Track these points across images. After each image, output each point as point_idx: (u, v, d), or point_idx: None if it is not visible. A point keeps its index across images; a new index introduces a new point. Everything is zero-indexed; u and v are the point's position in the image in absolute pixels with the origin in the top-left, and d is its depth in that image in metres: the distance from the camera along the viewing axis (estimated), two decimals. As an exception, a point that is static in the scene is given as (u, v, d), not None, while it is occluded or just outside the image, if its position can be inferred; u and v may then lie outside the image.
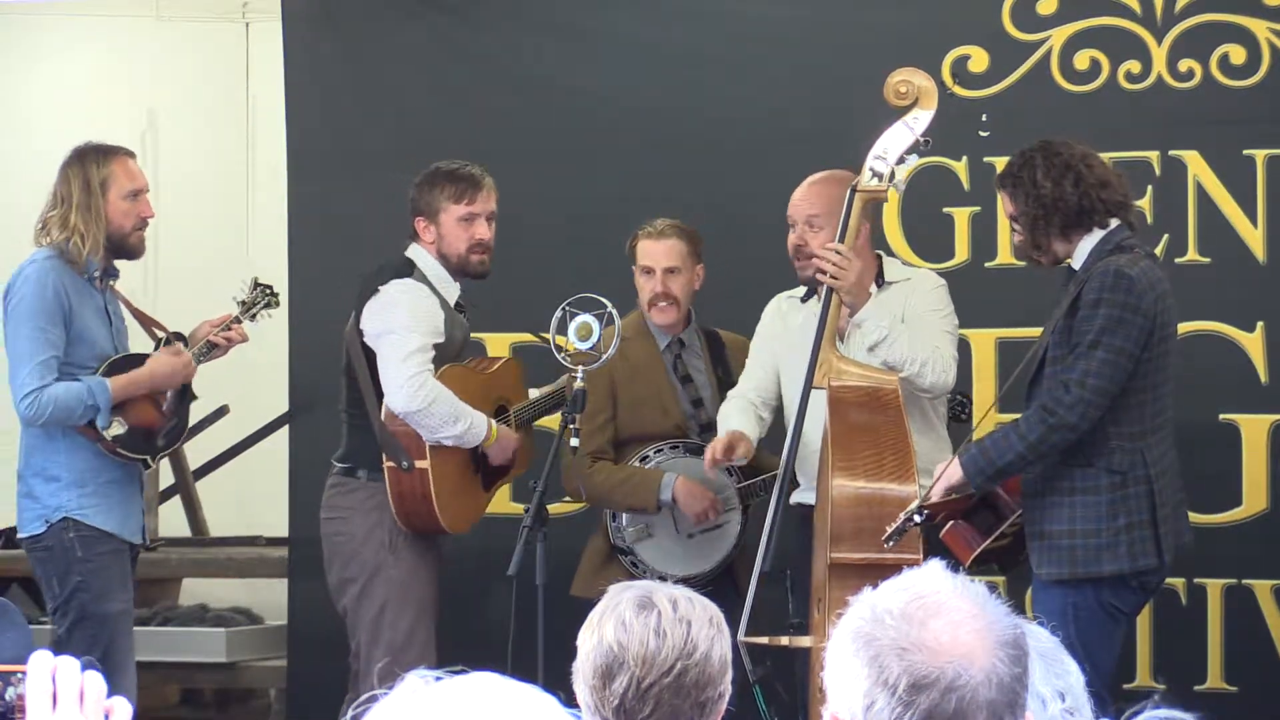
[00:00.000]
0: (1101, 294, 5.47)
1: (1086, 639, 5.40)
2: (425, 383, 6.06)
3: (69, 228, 6.18)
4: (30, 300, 6.14)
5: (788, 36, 7.14)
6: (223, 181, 9.62)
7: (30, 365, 6.09)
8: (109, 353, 6.25)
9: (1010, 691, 2.13)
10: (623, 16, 7.35)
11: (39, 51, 9.65)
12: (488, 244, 6.27)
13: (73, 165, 6.29)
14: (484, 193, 6.26)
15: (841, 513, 5.60)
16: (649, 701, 2.97)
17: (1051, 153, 5.66)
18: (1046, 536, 5.55)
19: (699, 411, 6.50)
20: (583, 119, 7.26)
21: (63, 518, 6.17)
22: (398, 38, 7.47)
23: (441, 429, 6.09)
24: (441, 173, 6.28)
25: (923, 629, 2.12)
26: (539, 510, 5.75)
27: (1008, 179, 5.73)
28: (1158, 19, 6.84)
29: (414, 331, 6.12)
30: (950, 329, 6.11)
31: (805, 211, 6.14)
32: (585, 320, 5.89)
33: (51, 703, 1.99)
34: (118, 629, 6.24)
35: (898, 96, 5.86)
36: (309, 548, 7.36)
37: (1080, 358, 5.46)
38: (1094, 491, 5.52)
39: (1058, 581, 5.53)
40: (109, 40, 9.68)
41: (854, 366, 5.80)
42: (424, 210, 6.26)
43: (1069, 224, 5.61)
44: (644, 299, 6.45)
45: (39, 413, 6.10)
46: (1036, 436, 5.47)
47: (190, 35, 9.64)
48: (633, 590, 3.06)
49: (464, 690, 1.86)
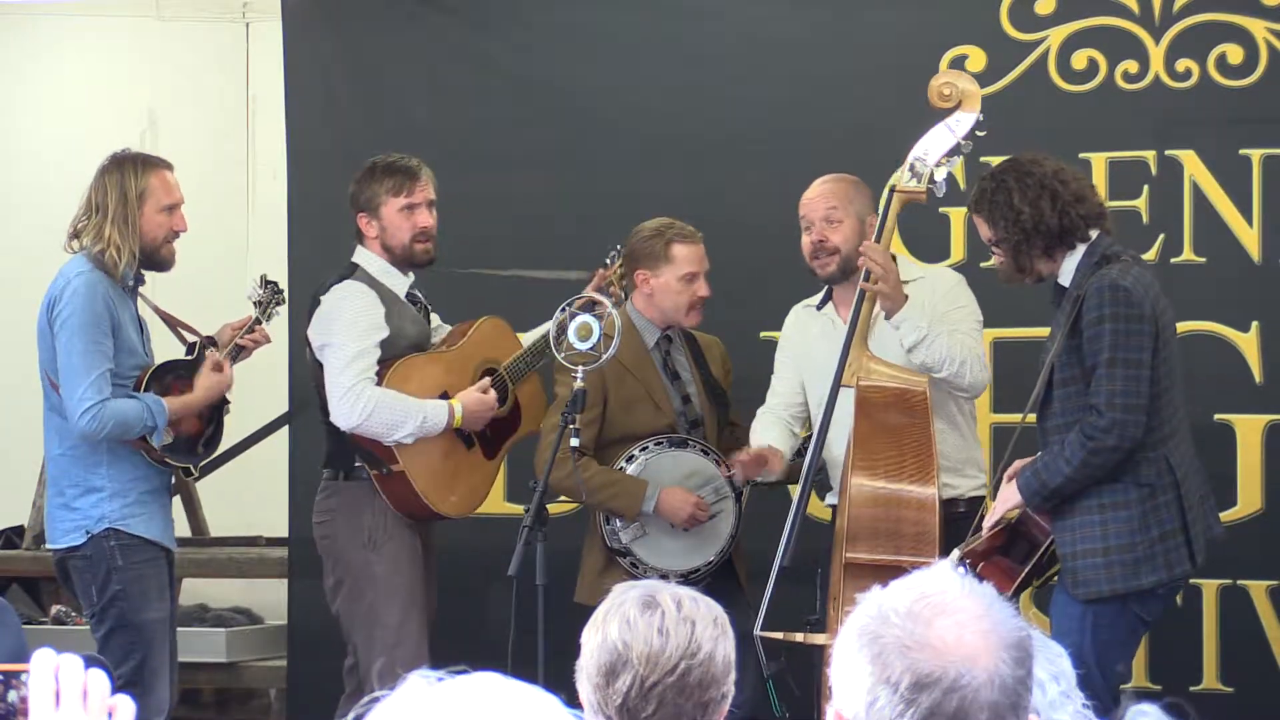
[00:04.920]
0: (1102, 310, 5.48)
1: (1102, 650, 5.47)
2: (361, 394, 6.11)
3: (104, 239, 6.15)
4: (81, 313, 6.12)
5: (787, 36, 7.15)
6: (223, 181, 9.61)
7: (89, 379, 6.08)
8: (146, 361, 6.26)
9: (1013, 693, 2.13)
10: (623, 17, 7.35)
11: (39, 51, 9.64)
12: (430, 231, 6.31)
13: (111, 174, 6.25)
14: (421, 182, 6.32)
15: (858, 512, 5.63)
16: (652, 701, 2.98)
17: (1023, 173, 5.62)
18: (1080, 556, 5.54)
19: (687, 408, 6.51)
20: (583, 119, 7.27)
21: (106, 528, 6.16)
22: (398, 38, 7.48)
23: (391, 434, 6.13)
24: (378, 167, 6.33)
25: (928, 628, 2.13)
26: (539, 510, 5.76)
27: (983, 204, 5.69)
28: (1156, 19, 6.85)
29: (349, 339, 6.17)
30: (976, 324, 6.10)
31: (823, 207, 6.13)
32: (585, 320, 5.90)
33: (55, 701, 1.99)
34: (155, 636, 6.23)
35: (941, 98, 5.88)
36: (309, 548, 7.36)
37: (1103, 379, 5.48)
38: (1124, 506, 5.53)
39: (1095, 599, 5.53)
40: (109, 40, 9.68)
41: (884, 367, 5.81)
42: (364, 206, 6.33)
43: (1051, 245, 5.61)
44: (681, 302, 6.41)
45: (100, 426, 6.09)
46: (1079, 461, 5.49)
47: (190, 35, 9.63)
48: (637, 590, 3.07)
49: (466, 690, 1.86)
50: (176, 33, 9.62)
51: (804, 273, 6.29)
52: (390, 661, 6.03)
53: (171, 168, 6.39)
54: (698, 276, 6.41)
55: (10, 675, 2.02)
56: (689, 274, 6.40)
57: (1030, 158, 5.68)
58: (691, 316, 6.45)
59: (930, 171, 5.83)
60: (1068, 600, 5.57)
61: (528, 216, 7.21)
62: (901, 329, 5.89)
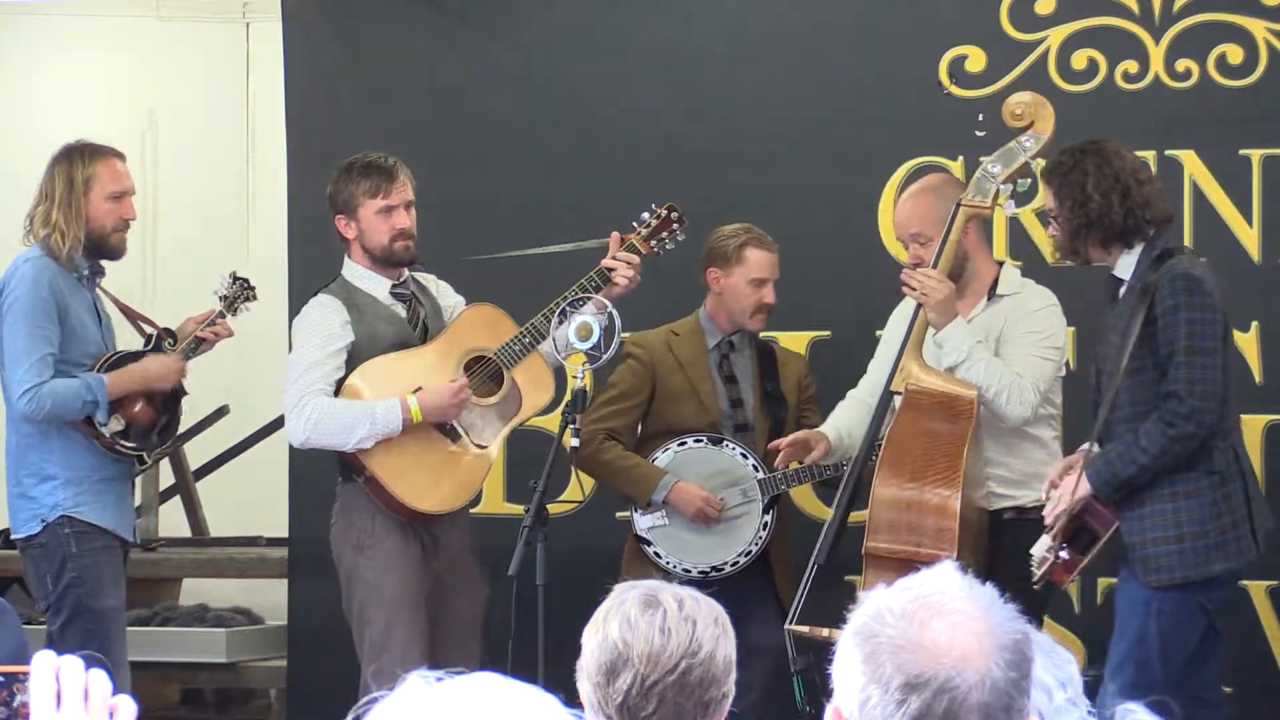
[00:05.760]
0: (1177, 299, 5.51)
1: (1165, 638, 5.52)
2: (304, 407, 6.10)
3: (50, 224, 6.24)
4: (25, 298, 6.18)
5: (787, 36, 7.15)
6: (223, 181, 9.62)
7: (28, 362, 6.13)
8: (101, 350, 6.30)
9: (1005, 696, 2.13)
10: (623, 17, 7.35)
11: (39, 51, 9.65)
12: (409, 231, 6.25)
13: (60, 163, 6.34)
14: (399, 183, 6.25)
15: (880, 506, 5.69)
16: (653, 700, 2.98)
17: (1103, 160, 5.66)
18: (1151, 544, 5.57)
19: (736, 411, 6.55)
20: (583, 119, 7.26)
21: (60, 515, 6.19)
22: (398, 38, 7.48)
23: (345, 441, 6.10)
24: (355, 169, 6.27)
25: (922, 629, 2.13)
26: (539, 510, 5.76)
27: (1055, 176, 5.73)
28: (1156, 19, 6.85)
29: (301, 354, 6.18)
30: (1045, 354, 6.06)
31: (910, 230, 6.13)
32: (585, 320, 5.90)
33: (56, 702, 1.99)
34: (113, 625, 6.26)
35: (1014, 118, 5.92)
36: (309, 548, 7.37)
37: (1181, 366, 5.51)
38: (1196, 494, 5.57)
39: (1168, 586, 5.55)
40: (109, 40, 9.68)
41: (934, 376, 5.85)
42: (342, 208, 6.28)
43: (1110, 239, 5.65)
44: (748, 305, 6.48)
45: (38, 407, 6.14)
46: (1159, 449, 5.51)
47: (190, 35, 9.64)
48: (638, 589, 3.07)
49: (465, 690, 1.86)
50: (176, 33, 9.63)
51: (803, 272, 6.30)
52: (379, 667, 6.02)
53: (122, 157, 6.43)
54: (766, 283, 6.49)
55: (11, 677, 2.02)
56: (758, 279, 6.48)
57: (1115, 148, 5.71)
58: (755, 320, 6.53)
59: (997, 189, 5.85)
60: (1135, 588, 5.60)
61: (528, 216, 7.20)
62: (945, 348, 5.92)
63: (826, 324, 7.02)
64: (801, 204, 6.80)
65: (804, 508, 6.98)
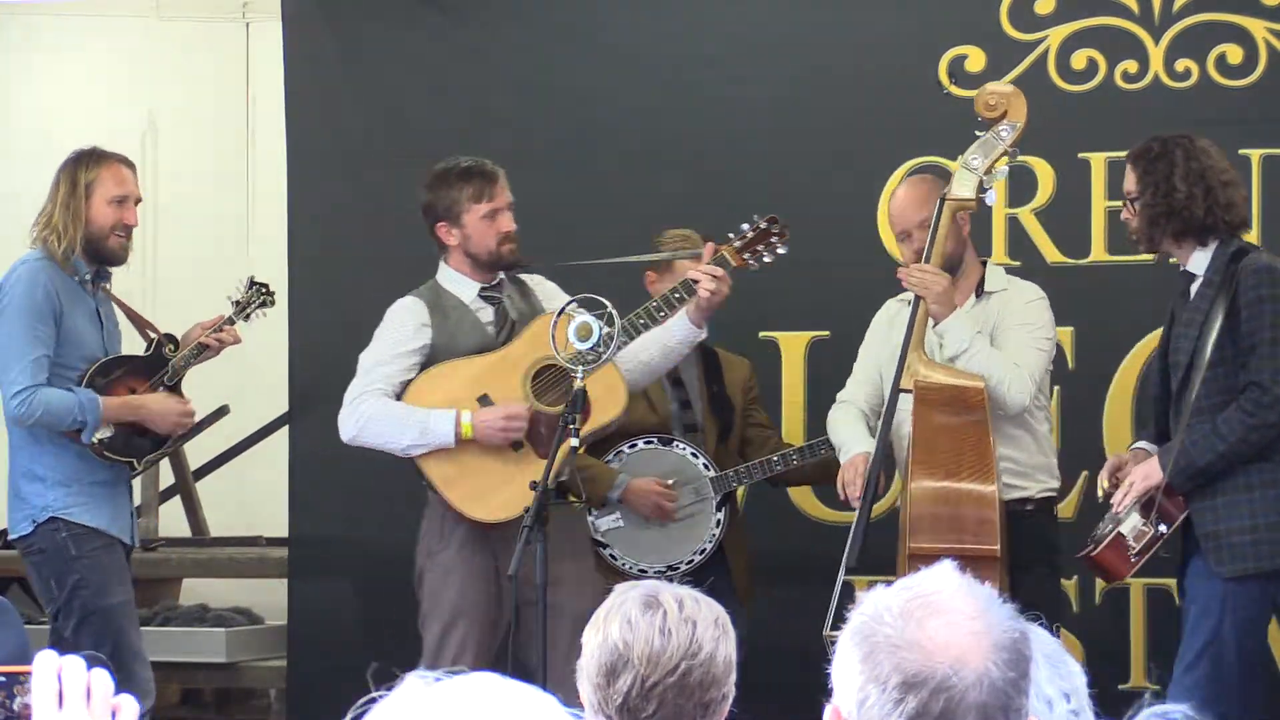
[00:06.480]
0: (1260, 290, 5.55)
1: (1241, 629, 5.53)
2: (359, 405, 6.06)
3: (50, 225, 6.26)
4: (21, 299, 6.18)
5: (787, 36, 7.15)
6: (223, 181, 9.62)
7: (22, 364, 6.13)
8: (98, 355, 6.29)
9: (1003, 695, 2.13)
10: (623, 17, 7.35)
11: (39, 51, 9.65)
12: (514, 234, 6.20)
13: (66, 167, 6.36)
14: (500, 185, 6.21)
15: (919, 508, 5.69)
16: (653, 700, 2.98)
17: (1193, 154, 5.67)
18: (1224, 535, 5.58)
19: (685, 413, 6.64)
20: (583, 119, 7.27)
21: (50, 517, 6.20)
22: (398, 38, 7.48)
23: (393, 446, 6.06)
24: (454, 174, 6.20)
25: (919, 628, 2.13)
26: (539, 510, 5.75)
27: (1142, 161, 5.74)
28: (1155, 19, 6.85)
29: (370, 353, 6.14)
30: (1040, 345, 6.07)
31: (915, 218, 6.11)
32: (585, 320, 5.89)
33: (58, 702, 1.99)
34: (124, 621, 6.27)
35: (988, 109, 5.92)
36: (309, 548, 7.38)
37: (1265, 357, 5.53)
38: (1272, 485, 5.59)
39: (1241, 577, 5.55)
40: (109, 40, 9.68)
41: (939, 370, 5.86)
42: (444, 215, 6.19)
43: (1185, 233, 5.67)
44: None
45: (29, 413, 6.13)
46: (1238, 437, 5.53)
47: (190, 35, 9.64)
48: (639, 589, 3.07)
49: (463, 690, 1.86)
50: (176, 33, 9.63)
51: (802, 272, 6.30)
52: None
53: (130, 164, 6.44)
54: None
55: (13, 678, 2.02)
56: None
57: (1205, 145, 5.72)
58: None
59: (980, 180, 5.86)
60: (1209, 579, 5.59)
61: (528, 216, 7.19)
62: (945, 339, 5.93)
63: (826, 324, 7.02)
64: (801, 204, 6.79)
65: (803, 507, 6.99)
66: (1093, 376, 6.80)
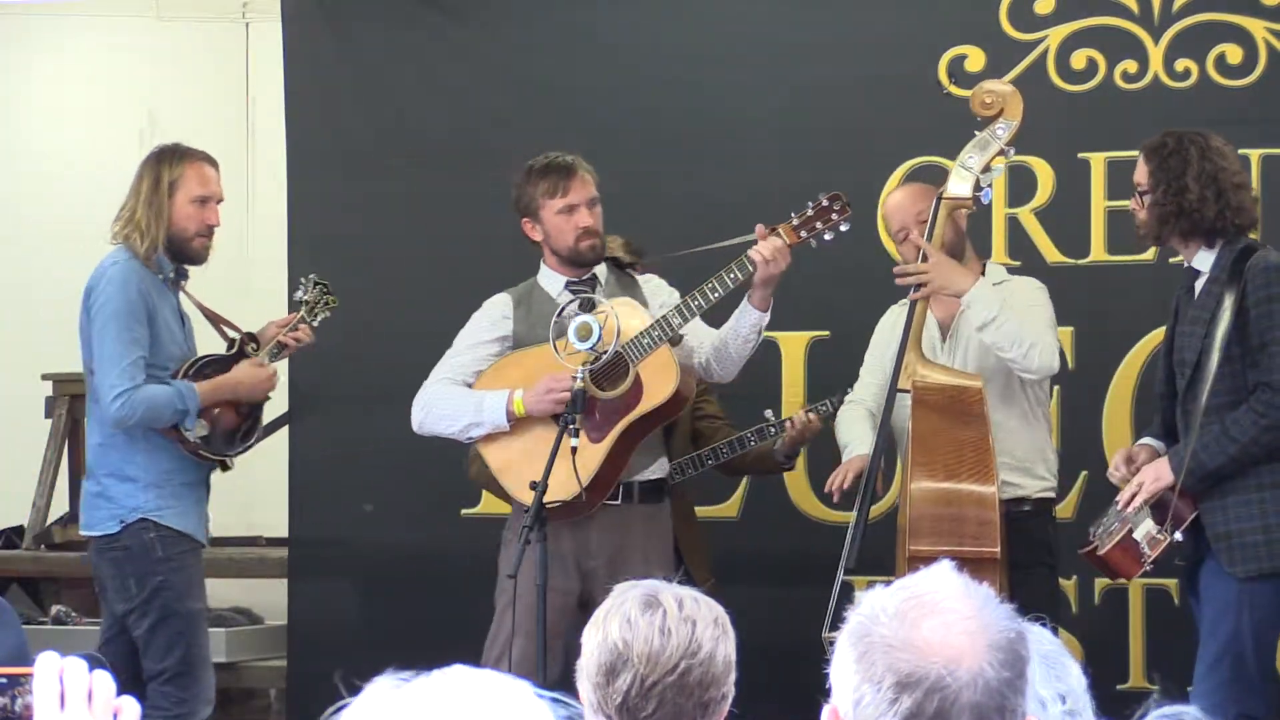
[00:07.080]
0: (1270, 288, 5.53)
1: (1259, 630, 5.52)
2: (425, 393, 6.11)
3: (132, 223, 6.21)
4: (115, 301, 6.14)
5: (787, 36, 7.15)
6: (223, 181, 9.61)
7: (120, 366, 6.09)
8: (186, 354, 6.27)
9: (998, 695, 2.13)
10: (623, 17, 7.35)
11: (39, 51, 9.65)
12: (594, 229, 6.14)
13: (149, 163, 6.33)
14: (578, 179, 6.16)
15: (920, 509, 5.67)
16: (652, 700, 2.98)
17: (1208, 154, 5.63)
18: (1235, 536, 5.56)
19: None
20: (583, 119, 7.27)
21: (140, 518, 6.17)
22: (398, 38, 7.48)
23: (453, 429, 6.10)
24: (534, 170, 6.20)
25: (914, 629, 2.14)
26: (539, 510, 5.76)
27: (1155, 156, 5.70)
28: (1155, 19, 6.85)
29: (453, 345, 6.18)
30: (1051, 322, 6.08)
31: (913, 212, 6.13)
32: (585, 320, 5.89)
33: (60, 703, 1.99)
34: (199, 626, 6.30)
35: (984, 107, 5.91)
36: (309, 548, 7.38)
37: (1276, 356, 5.51)
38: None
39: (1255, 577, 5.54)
40: (109, 40, 9.68)
41: (938, 370, 5.85)
42: (526, 211, 6.20)
43: (1194, 231, 5.64)
44: None
45: (130, 413, 6.09)
46: (1249, 438, 5.51)
47: (190, 35, 9.64)
48: (638, 589, 3.07)
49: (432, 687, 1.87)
50: (176, 33, 9.62)
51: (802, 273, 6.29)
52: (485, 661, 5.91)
53: (214, 163, 6.42)
54: None
55: (14, 679, 2.02)
56: None
57: (1220, 145, 5.69)
58: None
59: (976, 179, 5.86)
60: (1224, 585, 5.58)
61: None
62: (972, 308, 5.91)
63: (826, 324, 7.02)
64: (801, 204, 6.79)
65: (802, 507, 6.99)
66: (1093, 376, 6.80)
